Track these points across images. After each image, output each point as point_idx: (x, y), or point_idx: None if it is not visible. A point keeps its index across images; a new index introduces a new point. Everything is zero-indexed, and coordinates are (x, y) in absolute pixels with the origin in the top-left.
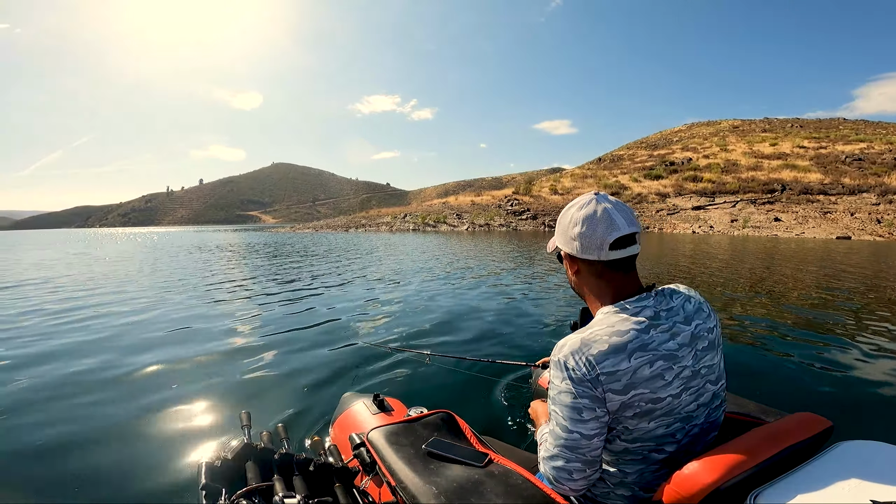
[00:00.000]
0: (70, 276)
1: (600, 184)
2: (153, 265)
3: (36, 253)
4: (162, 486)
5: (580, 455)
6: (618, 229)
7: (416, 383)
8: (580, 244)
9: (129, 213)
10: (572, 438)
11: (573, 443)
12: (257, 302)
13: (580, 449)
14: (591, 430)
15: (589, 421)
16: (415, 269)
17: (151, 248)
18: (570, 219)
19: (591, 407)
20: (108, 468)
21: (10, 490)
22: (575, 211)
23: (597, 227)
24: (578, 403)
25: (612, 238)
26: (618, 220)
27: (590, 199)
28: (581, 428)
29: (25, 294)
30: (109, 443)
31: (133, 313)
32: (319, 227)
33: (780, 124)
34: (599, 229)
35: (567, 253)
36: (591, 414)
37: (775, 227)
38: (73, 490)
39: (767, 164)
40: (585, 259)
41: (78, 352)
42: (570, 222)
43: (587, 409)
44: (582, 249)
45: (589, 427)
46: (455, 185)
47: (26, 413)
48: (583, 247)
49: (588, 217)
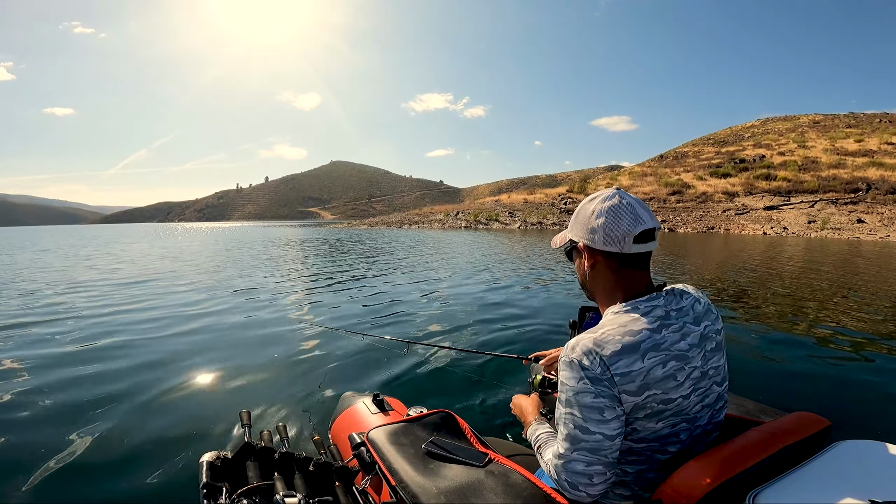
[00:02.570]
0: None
1: (661, 182)
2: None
3: (137, 246)
4: (162, 484)
5: (602, 457)
6: (643, 223)
7: (415, 377)
8: (603, 235)
9: (204, 209)
10: (594, 440)
11: (595, 444)
12: (264, 298)
13: (602, 451)
14: (614, 430)
15: (611, 420)
16: (450, 265)
17: (230, 243)
18: (592, 210)
19: (612, 406)
20: (107, 467)
21: (8, 489)
22: (598, 203)
23: (622, 220)
24: (599, 403)
25: (637, 230)
26: (642, 214)
27: (613, 193)
28: (604, 428)
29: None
30: (109, 442)
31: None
32: (375, 224)
33: (866, 119)
34: (625, 221)
35: (585, 245)
36: (613, 413)
37: (858, 230)
38: (73, 489)
39: (851, 162)
40: (606, 251)
41: (79, 353)
42: (591, 214)
43: (608, 408)
44: (605, 241)
45: (612, 427)
46: (508, 183)
47: (26, 412)
48: (606, 238)
49: (613, 208)
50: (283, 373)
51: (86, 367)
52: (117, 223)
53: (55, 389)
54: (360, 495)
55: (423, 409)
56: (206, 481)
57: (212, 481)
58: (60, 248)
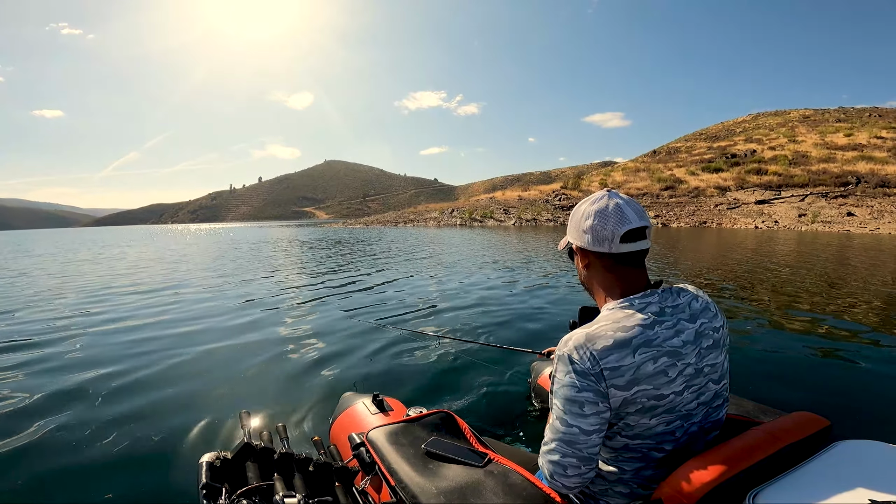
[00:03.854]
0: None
1: (654, 177)
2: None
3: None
4: (162, 484)
5: (577, 451)
6: (628, 223)
7: (415, 377)
8: (592, 237)
9: (197, 211)
10: (571, 433)
11: (571, 437)
12: (264, 298)
13: (577, 444)
14: (590, 426)
15: (590, 416)
16: (447, 260)
17: (229, 244)
18: (583, 213)
19: (594, 401)
20: (107, 466)
21: (8, 489)
22: (587, 206)
23: (608, 221)
24: (580, 397)
25: (622, 231)
26: (629, 214)
27: (602, 195)
28: (581, 422)
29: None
30: (109, 442)
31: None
32: (370, 223)
33: (856, 114)
34: (611, 222)
35: (579, 246)
36: (593, 409)
37: (848, 223)
38: (73, 488)
39: (841, 156)
40: (596, 252)
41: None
42: (582, 216)
43: (589, 403)
44: (594, 242)
45: (589, 422)
46: (503, 180)
47: (26, 411)
48: (594, 239)
49: (600, 211)
50: (283, 373)
51: (86, 367)
52: (110, 226)
53: (54, 389)
54: (360, 495)
55: (423, 410)
56: (205, 482)
57: (211, 482)
58: (59, 251)
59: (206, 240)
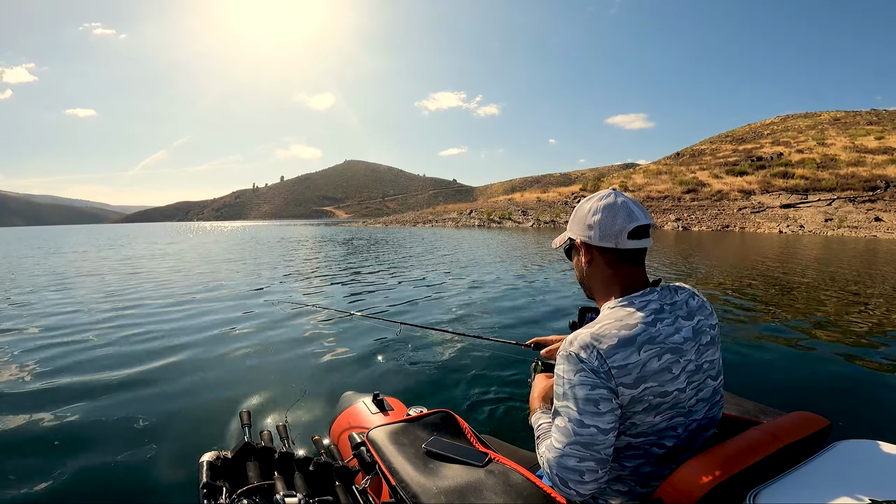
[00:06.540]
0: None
1: (676, 180)
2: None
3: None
4: (162, 484)
5: (594, 452)
6: (636, 219)
7: (415, 376)
8: (599, 232)
9: (221, 209)
10: (588, 433)
11: (588, 438)
12: (264, 298)
13: (595, 445)
14: (608, 424)
15: (606, 413)
16: (465, 260)
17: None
18: (589, 209)
19: (608, 398)
20: (107, 467)
21: (7, 489)
22: (594, 202)
23: (617, 216)
24: (595, 395)
25: (631, 226)
26: (636, 211)
27: (608, 193)
28: (598, 421)
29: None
30: (109, 441)
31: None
32: (389, 223)
33: (888, 116)
34: (619, 218)
35: (582, 241)
36: (608, 406)
37: (875, 228)
38: (73, 489)
39: (871, 160)
40: (601, 247)
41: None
42: (588, 212)
43: (604, 400)
44: (601, 236)
45: (606, 420)
46: (522, 182)
47: (25, 412)
48: (601, 234)
49: (608, 206)
50: (284, 373)
51: (85, 367)
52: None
53: (52, 390)
54: (360, 495)
55: (423, 409)
56: (206, 481)
57: (212, 481)
58: (97, 247)
59: (231, 237)
